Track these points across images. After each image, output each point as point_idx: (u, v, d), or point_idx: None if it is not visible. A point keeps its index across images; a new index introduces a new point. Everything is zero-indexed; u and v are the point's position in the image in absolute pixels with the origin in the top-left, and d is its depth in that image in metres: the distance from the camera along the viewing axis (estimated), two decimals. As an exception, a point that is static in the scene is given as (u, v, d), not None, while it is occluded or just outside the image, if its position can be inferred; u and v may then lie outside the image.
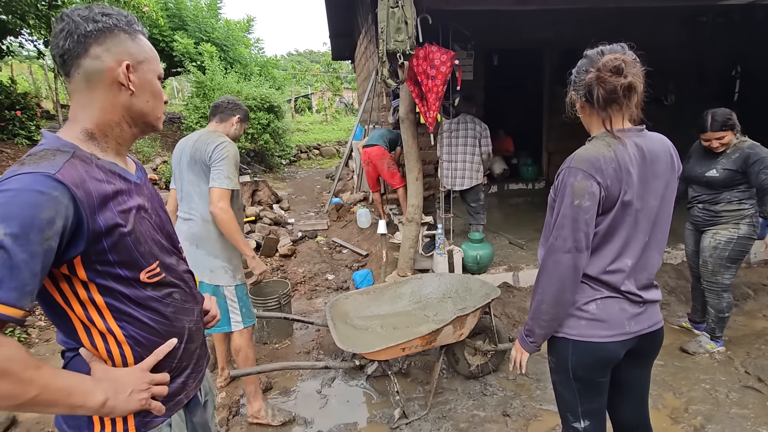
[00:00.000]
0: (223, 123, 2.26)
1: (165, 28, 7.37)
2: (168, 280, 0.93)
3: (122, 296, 0.85)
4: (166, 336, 0.93)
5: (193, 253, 2.11)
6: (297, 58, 31.39)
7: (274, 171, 9.51)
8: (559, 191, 1.23)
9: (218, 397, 2.53)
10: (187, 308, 0.99)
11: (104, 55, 0.85)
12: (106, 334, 0.86)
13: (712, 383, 2.47)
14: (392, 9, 2.54)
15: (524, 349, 1.39)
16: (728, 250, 2.57)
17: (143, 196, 0.94)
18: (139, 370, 0.87)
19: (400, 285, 2.80)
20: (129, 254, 0.84)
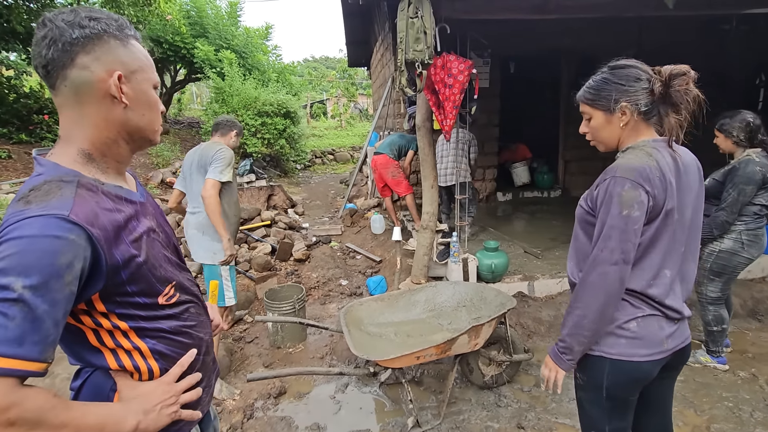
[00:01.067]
0: (224, 137, 2.77)
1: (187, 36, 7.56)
2: (183, 299, 0.92)
3: (143, 319, 0.84)
4: (188, 348, 0.92)
5: (200, 238, 2.60)
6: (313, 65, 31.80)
7: (289, 176, 9.62)
8: (604, 202, 1.17)
9: (232, 400, 2.56)
10: (202, 321, 0.99)
11: (93, 65, 0.77)
12: (132, 351, 0.84)
13: (735, 401, 2.40)
14: (411, 19, 2.57)
15: (560, 368, 1.30)
16: (709, 262, 2.56)
17: (149, 216, 0.89)
18: (165, 384, 0.86)
19: (415, 292, 2.80)
20: (146, 282, 0.82)
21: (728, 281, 2.56)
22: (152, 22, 6.96)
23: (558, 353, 1.29)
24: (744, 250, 2.48)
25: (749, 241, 2.47)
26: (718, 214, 2.46)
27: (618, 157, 1.25)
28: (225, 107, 7.71)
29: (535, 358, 2.86)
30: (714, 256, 2.54)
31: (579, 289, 1.22)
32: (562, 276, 3.50)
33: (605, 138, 1.32)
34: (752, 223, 2.46)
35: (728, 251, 2.50)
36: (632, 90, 1.22)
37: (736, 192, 2.40)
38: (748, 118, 2.41)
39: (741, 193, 2.38)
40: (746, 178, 2.37)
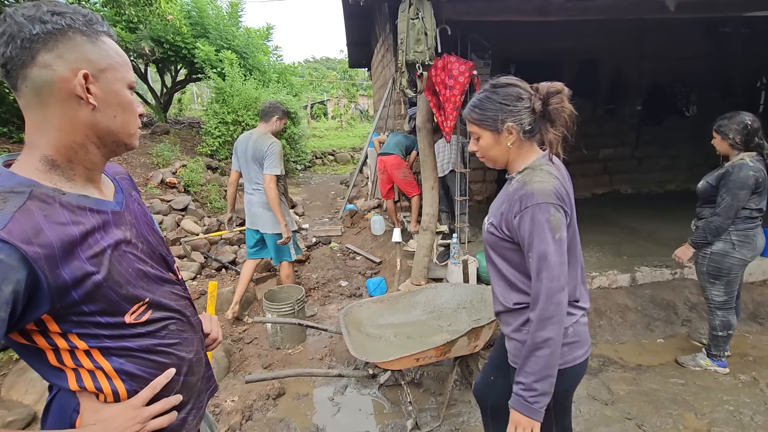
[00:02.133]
0: (267, 123, 3.23)
1: (188, 36, 7.56)
2: (158, 316, 0.84)
3: (108, 338, 0.76)
4: (164, 368, 0.84)
5: (264, 214, 3.23)
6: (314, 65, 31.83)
7: (290, 176, 9.61)
8: (534, 231, 1.16)
9: (230, 401, 2.56)
10: (187, 338, 0.90)
11: (55, 63, 0.71)
12: (94, 370, 0.77)
13: (736, 405, 2.39)
14: (412, 20, 2.57)
15: (535, 419, 1.17)
16: (704, 265, 2.56)
17: (125, 226, 0.82)
18: (131, 408, 0.79)
19: (415, 294, 2.79)
20: (107, 301, 0.74)
21: (729, 284, 2.54)
22: (153, 22, 6.95)
23: (528, 405, 1.16)
24: (735, 250, 2.47)
25: (740, 242, 2.46)
26: (713, 219, 2.45)
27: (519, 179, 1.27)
28: (225, 107, 7.70)
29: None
30: (707, 259, 2.54)
31: (538, 327, 1.16)
32: (562, 278, 3.49)
33: (495, 156, 1.33)
34: (741, 224, 2.46)
35: (720, 252, 2.49)
36: (516, 110, 1.24)
37: (729, 197, 2.38)
38: (747, 120, 2.38)
39: (735, 197, 2.37)
40: (740, 183, 2.35)
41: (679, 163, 6.53)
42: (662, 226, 4.67)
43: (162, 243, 0.94)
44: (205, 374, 0.99)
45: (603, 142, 6.32)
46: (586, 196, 6.43)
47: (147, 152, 6.49)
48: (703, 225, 2.51)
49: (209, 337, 1.05)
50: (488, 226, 1.32)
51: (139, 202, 0.95)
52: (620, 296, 3.39)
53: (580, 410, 2.39)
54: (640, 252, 3.98)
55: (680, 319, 3.27)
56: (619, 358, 2.91)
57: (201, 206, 5.80)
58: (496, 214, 1.30)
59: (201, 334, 0.99)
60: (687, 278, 3.58)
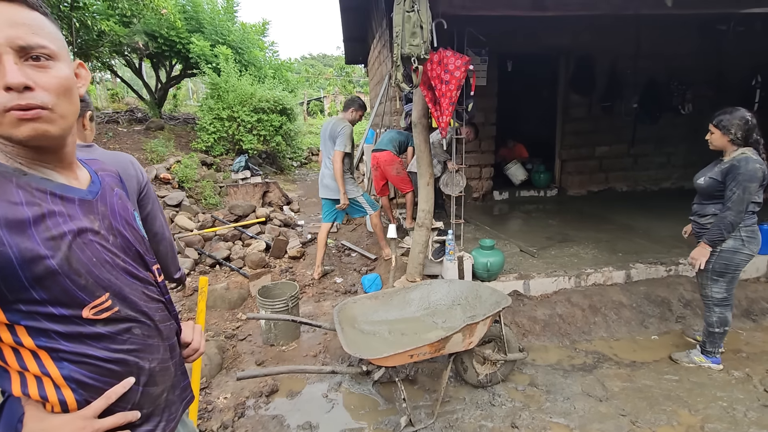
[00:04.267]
0: (346, 112, 4.07)
1: (182, 31, 7.47)
2: (124, 315, 0.78)
3: (60, 336, 0.70)
4: (120, 378, 0.77)
5: (332, 184, 3.98)
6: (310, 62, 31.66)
7: (285, 173, 9.56)
8: None
9: (223, 398, 2.53)
10: (151, 345, 0.83)
11: None
12: (41, 376, 0.71)
13: (729, 401, 2.39)
14: (408, 13, 2.54)
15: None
16: (711, 263, 2.52)
17: (94, 216, 0.77)
18: (80, 418, 0.72)
19: (409, 290, 2.77)
20: (62, 290, 0.69)
21: (732, 281, 2.54)
22: (147, 16, 6.88)
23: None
24: (745, 246, 2.46)
25: (748, 237, 2.45)
26: (725, 215, 2.40)
27: None
28: (221, 103, 7.64)
29: (529, 357, 2.85)
30: (716, 256, 2.50)
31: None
32: (557, 275, 3.49)
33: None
34: (748, 219, 2.45)
35: (730, 249, 2.47)
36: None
37: (740, 190, 2.34)
38: (747, 115, 2.38)
39: (746, 190, 2.34)
40: (749, 175, 2.33)
41: (675, 161, 6.54)
42: (657, 224, 4.68)
43: (142, 241, 0.89)
44: (178, 384, 0.92)
45: (599, 139, 6.32)
46: (581, 193, 6.43)
47: (141, 148, 6.43)
48: (716, 222, 2.45)
49: (190, 347, 0.99)
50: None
51: (122, 197, 0.90)
52: (615, 293, 3.39)
53: (575, 407, 2.39)
54: (635, 249, 3.99)
55: (674, 316, 3.27)
56: (613, 355, 2.91)
57: (195, 202, 5.76)
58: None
59: (173, 342, 0.92)
60: (681, 275, 3.58)
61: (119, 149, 6.20)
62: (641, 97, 6.00)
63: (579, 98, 6.11)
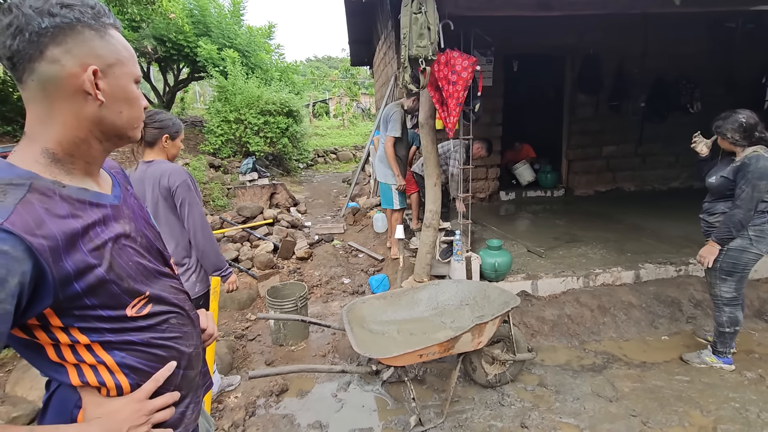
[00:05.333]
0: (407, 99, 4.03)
1: (190, 34, 7.56)
2: (159, 310, 0.84)
3: (110, 332, 0.76)
4: (165, 362, 0.84)
5: (379, 165, 4.23)
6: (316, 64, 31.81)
7: (292, 174, 9.62)
8: None
9: (234, 397, 2.55)
10: (186, 332, 0.91)
11: (64, 58, 0.70)
12: (96, 365, 0.77)
13: (742, 402, 2.37)
14: (415, 15, 2.55)
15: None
16: (719, 261, 2.51)
17: (123, 220, 0.82)
18: (135, 401, 0.79)
19: (417, 291, 2.78)
20: (109, 295, 0.74)
21: (741, 280, 2.52)
22: (155, 20, 6.97)
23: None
24: (753, 245, 2.44)
25: (757, 237, 2.44)
26: (734, 213, 2.40)
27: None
28: (228, 106, 7.71)
29: (538, 357, 2.84)
30: (723, 255, 2.50)
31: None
32: (565, 275, 3.47)
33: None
34: (757, 219, 2.43)
35: (738, 248, 2.46)
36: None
37: (750, 188, 2.34)
38: (741, 119, 2.37)
39: (756, 188, 2.33)
40: (759, 173, 2.32)
41: (683, 161, 6.48)
42: (666, 224, 4.64)
43: (158, 238, 0.94)
44: (201, 369, 1.00)
45: (606, 138, 6.29)
46: (588, 193, 6.40)
47: (149, 151, 6.49)
48: (724, 219, 2.45)
49: (205, 333, 1.05)
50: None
51: (135, 196, 0.95)
52: (624, 293, 3.37)
53: (584, 407, 2.38)
54: (644, 249, 3.96)
55: (685, 316, 3.25)
56: (623, 356, 2.90)
57: (204, 204, 5.81)
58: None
59: (199, 329, 1.00)
60: (692, 275, 3.56)
61: (128, 152, 6.27)
62: (649, 97, 5.96)
63: (585, 98, 6.08)
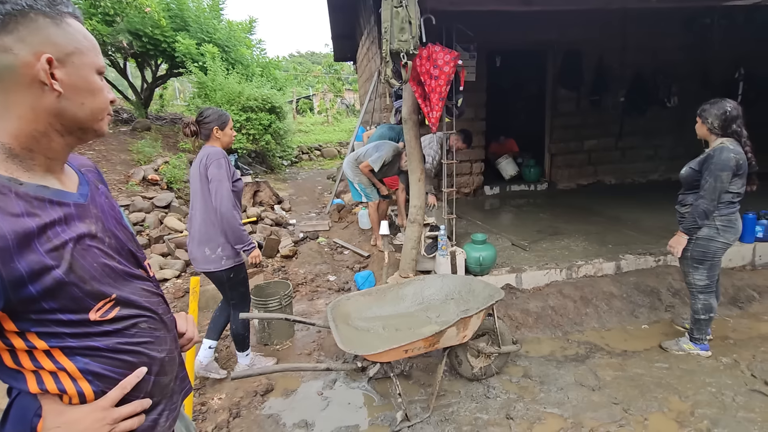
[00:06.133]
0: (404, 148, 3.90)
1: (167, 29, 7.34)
2: (127, 314, 0.80)
3: (71, 336, 0.72)
4: (134, 368, 0.80)
5: (348, 166, 4.42)
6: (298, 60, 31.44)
7: (276, 172, 9.50)
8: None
9: (217, 399, 2.51)
10: (159, 337, 0.86)
11: (17, 47, 0.67)
12: (56, 371, 0.73)
13: (718, 387, 2.44)
14: (396, 9, 2.53)
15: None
16: (689, 250, 2.61)
17: (89, 219, 0.78)
18: (99, 409, 0.75)
19: (403, 286, 2.77)
20: (69, 298, 0.70)
21: (712, 268, 2.60)
22: (130, 14, 6.75)
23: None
24: (720, 235, 2.52)
25: (723, 227, 2.52)
26: (699, 203, 2.49)
27: None
28: (208, 102, 7.55)
29: (523, 349, 2.88)
30: (693, 244, 2.60)
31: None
32: (549, 268, 3.52)
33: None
34: (725, 209, 2.51)
35: (705, 238, 2.55)
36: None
37: (713, 179, 2.44)
38: (727, 107, 2.45)
39: (718, 179, 2.43)
40: (721, 164, 2.41)
41: (661, 153, 6.64)
42: (646, 215, 4.74)
43: (131, 238, 0.90)
44: (179, 374, 0.95)
45: (587, 133, 6.38)
46: (571, 186, 6.50)
47: (127, 149, 6.33)
48: (691, 210, 2.55)
49: (184, 336, 1.01)
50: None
51: (107, 195, 0.91)
52: (606, 284, 3.44)
53: (568, 397, 2.41)
54: (624, 240, 4.04)
55: (664, 305, 3.33)
56: (605, 345, 2.95)
57: (185, 203, 5.69)
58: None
59: (175, 333, 0.95)
60: (670, 265, 3.64)
61: (105, 151, 6.10)
62: (628, 91, 6.08)
63: (567, 93, 6.16)
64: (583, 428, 2.18)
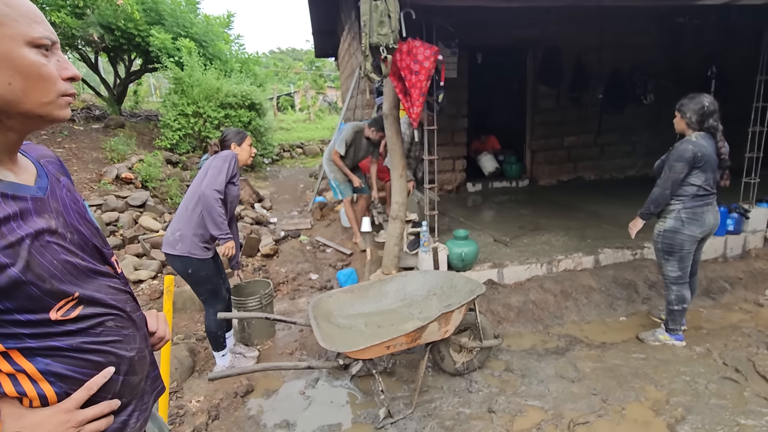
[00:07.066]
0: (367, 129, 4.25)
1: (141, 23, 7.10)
2: (92, 312, 0.76)
3: (30, 337, 0.68)
4: (100, 368, 0.76)
5: (325, 164, 4.49)
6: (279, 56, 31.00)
7: (256, 170, 9.34)
8: None
9: (195, 401, 2.44)
10: (127, 335, 0.83)
11: None
12: (15, 374, 0.69)
13: (692, 375, 2.51)
14: (375, 2, 2.50)
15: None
16: (659, 243, 2.72)
17: (48, 214, 0.73)
18: (62, 411, 0.71)
19: (385, 283, 2.75)
20: (27, 297, 0.66)
21: (682, 260, 2.67)
22: (101, 7, 6.50)
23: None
24: (684, 227, 2.60)
25: (688, 219, 2.60)
26: (654, 191, 2.64)
27: None
28: (185, 98, 7.36)
29: (505, 343, 2.90)
30: (661, 236, 2.69)
31: None
32: (530, 263, 3.55)
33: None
34: (690, 202, 2.59)
35: (671, 230, 2.64)
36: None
37: (668, 168, 2.57)
38: (705, 102, 2.52)
39: (672, 169, 2.54)
40: (677, 155, 2.53)
41: (639, 150, 6.79)
42: (624, 210, 4.83)
43: (97, 233, 0.85)
44: (150, 374, 0.92)
45: (567, 129, 6.48)
46: (552, 182, 6.59)
47: (100, 146, 6.11)
48: (648, 197, 2.68)
49: (155, 335, 0.97)
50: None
51: (69, 188, 0.85)
52: (585, 278, 3.49)
53: (549, 389, 2.44)
54: (603, 235, 4.11)
55: (641, 298, 3.40)
56: (584, 337, 3.00)
57: (161, 202, 5.53)
58: None
59: (145, 331, 0.92)
60: (647, 258, 3.73)
61: (76, 148, 5.87)
62: (606, 88, 6.18)
63: (547, 90, 6.23)
64: (563, 419, 2.20)
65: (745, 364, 2.55)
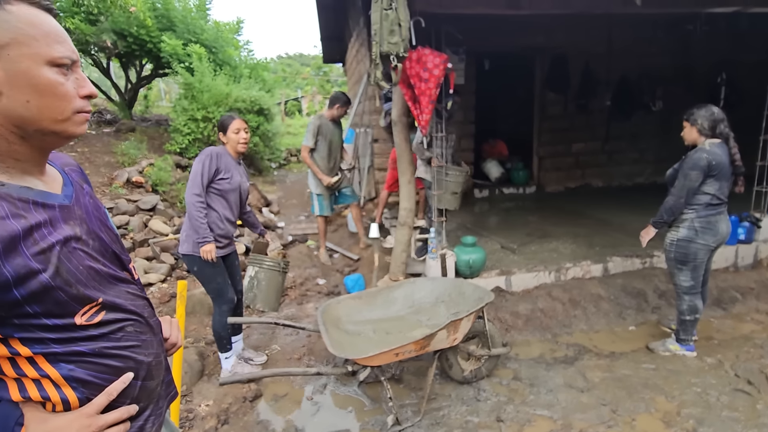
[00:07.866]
0: (329, 110, 4.38)
1: (153, 29, 7.21)
2: (113, 317, 0.78)
3: (55, 342, 0.70)
4: (120, 373, 0.78)
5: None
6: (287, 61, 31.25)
7: (264, 174, 9.40)
8: None
9: (205, 405, 2.46)
10: (145, 340, 0.85)
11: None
12: (40, 379, 0.71)
13: (703, 386, 2.48)
14: (386, 11, 2.53)
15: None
16: (672, 252, 2.69)
17: (74, 221, 0.75)
18: (84, 416, 0.73)
19: (393, 289, 2.76)
20: (55, 302, 0.68)
21: (695, 269, 2.64)
22: (115, 13, 6.61)
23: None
24: (698, 236, 2.58)
25: (702, 228, 2.58)
26: (667, 199, 2.62)
27: None
28: (195, 104, 7.44)
29: (513, 351, 2.88)
30: (675, 246, 2.66)
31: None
32: (538, 270, 3.54)
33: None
34: (703, 211, 2.57)
35: (685, 239, 2.61)
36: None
37: (682, 177, 2.55)
38: (713, 109, 2.55)
39: (686, 177, 2.52)
40: (691, 163, 2.51)
41: (647, 157, 6.75)
42: (632, 218, 4.80)
43: (116, 240, 0.87)
44: (165, 379, 0.93)
45: (575, 136, 6.47)
46: (559, 189, 6.57)
47: (111, 151, 6.19)
48: (661, 206, 2.66)
49: (168, 341, 0.98)
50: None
51: (92, 195, 0.88)
52: (593, 286, 3.47)
53: (557, 399, 2.43)
54: (611, 243, 4.09)
55: (650, 307, 3.38)
56: (593, 346, 2.98)
57: (171, 206, 5.59)
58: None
59: (161, 336, 0.93)
60: (656, 267, 3.70)
61: (89, 152, 5.96)
62: (614, 95, 6.17)
63: (555, 96, 6.23)
64: (572, 430, 2.19)
65: (757, 376, 2.52)
